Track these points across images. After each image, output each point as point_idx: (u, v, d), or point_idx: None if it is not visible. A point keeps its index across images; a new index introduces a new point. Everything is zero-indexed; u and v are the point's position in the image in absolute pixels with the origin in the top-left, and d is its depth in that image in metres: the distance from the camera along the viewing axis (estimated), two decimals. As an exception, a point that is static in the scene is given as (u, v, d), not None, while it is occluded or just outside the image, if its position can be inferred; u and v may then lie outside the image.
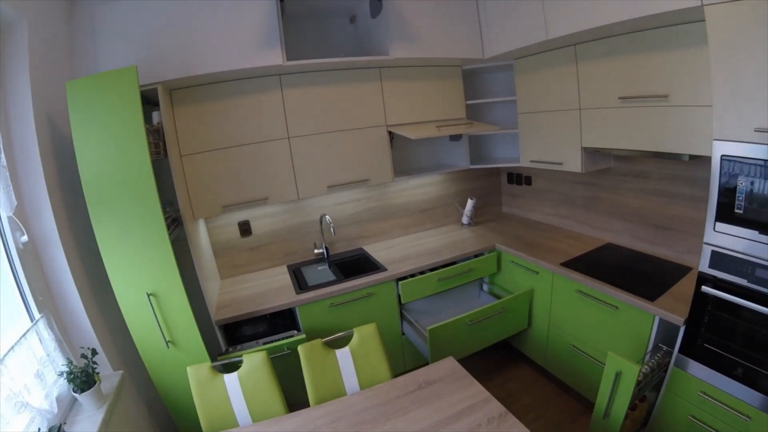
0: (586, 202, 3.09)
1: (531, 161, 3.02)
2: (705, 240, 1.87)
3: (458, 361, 2.00)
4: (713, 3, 1.66)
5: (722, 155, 1.75)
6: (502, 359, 3.22)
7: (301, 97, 2.67)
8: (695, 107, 1.95)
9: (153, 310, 1.97)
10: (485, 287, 3.21)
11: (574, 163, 2.72)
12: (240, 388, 1.91)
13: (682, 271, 2.36)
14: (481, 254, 3.02)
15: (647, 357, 2.10)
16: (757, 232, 1.68)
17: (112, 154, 1.83)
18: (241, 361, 1.94)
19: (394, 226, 3.44)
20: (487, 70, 3.26)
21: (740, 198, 1.74)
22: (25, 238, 1.76)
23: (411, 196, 3.46)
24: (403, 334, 2.89)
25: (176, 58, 2.24)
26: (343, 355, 2.03)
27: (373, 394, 1.84)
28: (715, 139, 1.77)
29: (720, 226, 1.82)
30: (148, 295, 1.96)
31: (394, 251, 3.12)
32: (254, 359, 1.94)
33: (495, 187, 3.87)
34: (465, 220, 3.49)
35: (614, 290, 2.25)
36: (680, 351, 2.01)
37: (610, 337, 2.36)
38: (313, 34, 2.90)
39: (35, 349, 1.65)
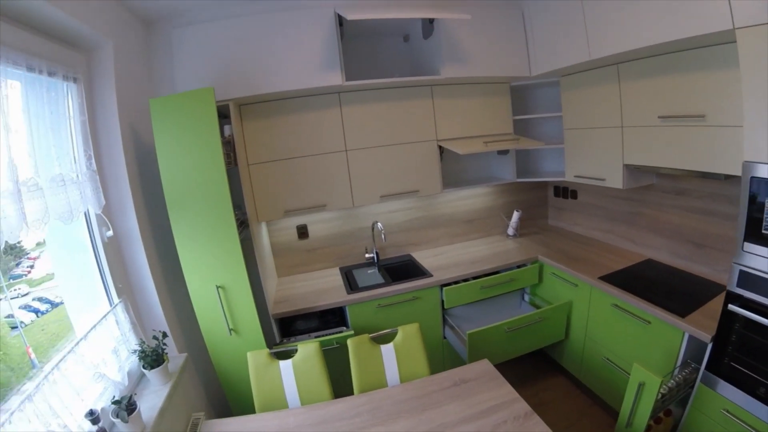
0: (628, 217, 3.21)
1: (575, 176, 3.17)
2: (734, 259, 1.95)
3: (495, 366, 2.18)
4: (744, 26, 1.75)
5: (752, 176, 1.83)
6: (538, 368, 3.38)
7: (358, 113, 2.96)
8: (731, 127, 2.01)
9: (220, 300, 2.29)
10: (527, 297, 3.38)
11: (615, 180, 2.85)
12: (293, 374, 2.20)
13: (717, 289, 2.42)
14: (524, 265, 3.20)
15: (676, 371, 2.20)
16: None
17: (190, 164, 2.16)
18: (295, 350, 2.22)
19: (441, 234, 3.68)
20: (535, 86, 3.45)
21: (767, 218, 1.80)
22: (110, 233, 2.11)
23: (459, 207, 3.70)
24: (445, 337, 3.12)
25: (245, 77, 2.60)
26: (388, 350, 2.28)
27: (412, 387, 2.05)
28: (745, 161, 1.85)
29: (748, 246, 1.89)
30: (217, 288, 2.28)
31: (440, 258, 3.36)
32: (308, 349, 2.22)
33: (542, 200, 4.04)
34: (510, 231, 3.68)
35: (647, 305, 2.36)
36: (707, 368, 2.09)
37: (642, 350, 2.47)
38: (369, 52, 3.18)
39: (112, 329, 1.99)
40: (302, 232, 3.29)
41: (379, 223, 3.26)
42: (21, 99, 1.56)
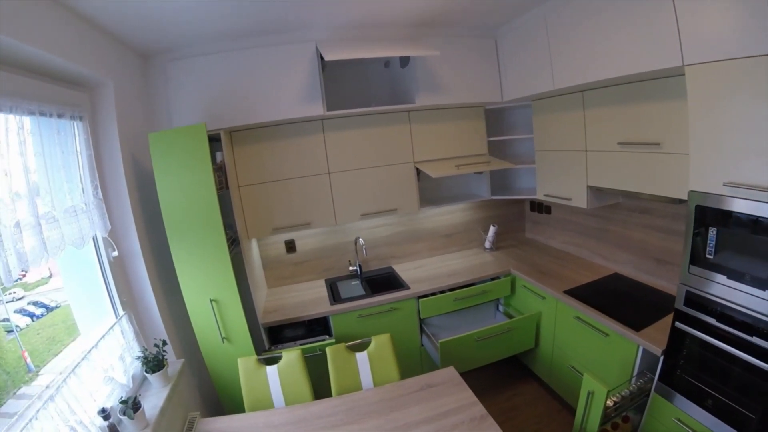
0: (598, 233, 3.50)
1: (545, 195, 3.46)
2: (681, 280, 2.17)
3: (468, 372, 2.56)
4: (693, 63, 1.95)
5: (696, 205, 2.03)
6: (512, 374, 3.68)
7: (340, 138, 3.30)
8: (683, 155, 2.14)
9: (214, 312, 2.65)
10: (501, 308, 3.70)
11: (580, 200, 3.14)
12: (278, 378, 2.52)
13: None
14: (498, 278, 3.52)
15: (632, 381, 2.45)
16: (725, 277, 1.94)
17: (185, 190, 2.51)
18: (280, 357, 2.56)
19: (422, 248, 4.03)
20: (511, 108, 3.79)
21: (711, 244, 2.00)
22: (115, 253, 2.44)
23: (438, 222, 4.05)
24: (422, 345, 3.44)
25: (235, 108, 2.96)
26: (362, 357, 2.60)
27: (383, 391, 2.34)
28: (690, 190, 2.06)
29: (693, 268, 2.09)
30: (211, 301, 2.64)
31: (419, 271, 3.70)
32: (291, 355, 2.55)
33: (519, 214, 4.36)
34: (487, 245, 4.00)
35: (605, 318, 2.62)
36: (660, 379, 2.31)
37: (602, 360, 2.73)
38: (353, 77, 3.53)
39: (118, 338, 2.33)
40: (290, 246, 3.64)
41: (360, 239, 3.61)
42: (35, 142, 1.89)
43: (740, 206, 1.84)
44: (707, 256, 2.03)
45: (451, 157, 3.56)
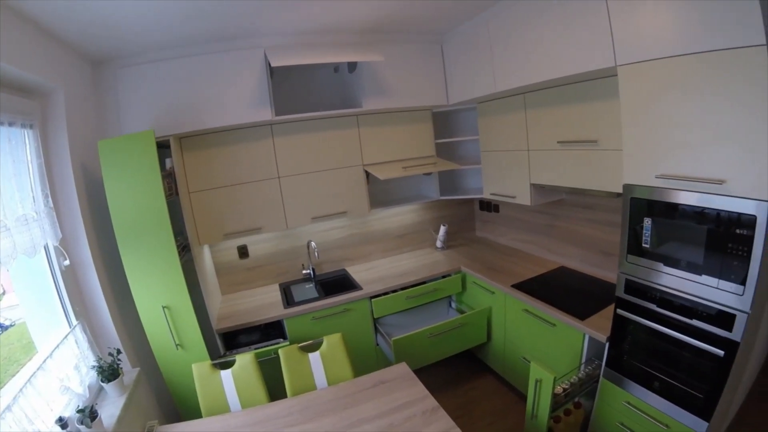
0: (544, 229, 3.73)
1: (491, 194, 3.66)
2: (620, 269, 2.33)
3: (424, 369, 2.72)
4: (624, 64, 2.11)
5: (630, 197, 2.19)
6: (468, 369, 3.86)
7: (290, 142, 3.42)
8: (619, 151, 2.27)
9: (167, 319, 2.71)
10: (453, 305, 3.88)
11: (524, 198, 3.35)
12: (233, 382, 2.60)
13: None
14: (448, 275, 3.71)
15: (582, 368, 2.62)
16: (662, 264, 2.10)
17: (135, 198, 2.57)
18: (234, 361, 2.64)
19: (375, 249, 4.20)
20: (458, 111, 4.01)
21: (647, 234, 2.15)
22: (67, 262, 2.47)
23: (390, 223, 4.23)
24: (377, 344, 3.59)
25: (184, 115, 3.03)
26: (315, 358, 2.71)
27: (337, 390, 2.43)
28: (624, 183, 2.21)
29: (631, 257, 2.26)
30: (163, 308, 2.70)
31: (372, 272, 3.86)
32: (244, 359, 2.64)
33: (469, 213, 4.58)
34: (439, 244, 4.19)
35: (552, 309, 2.80)
36: (607, 365, 2.47)
37: (552, 350, 2.91)
38: (303, 82, 3.67)
39: (73, 348, 2.37)
40: (243, 252, 3.72)
41: (312, 242, 3.74)
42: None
43: (671, 196, 2.00)
44: (644, 245, 2.19)
45: (400, 160, 3.75)
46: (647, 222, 2.15)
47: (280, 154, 3.38)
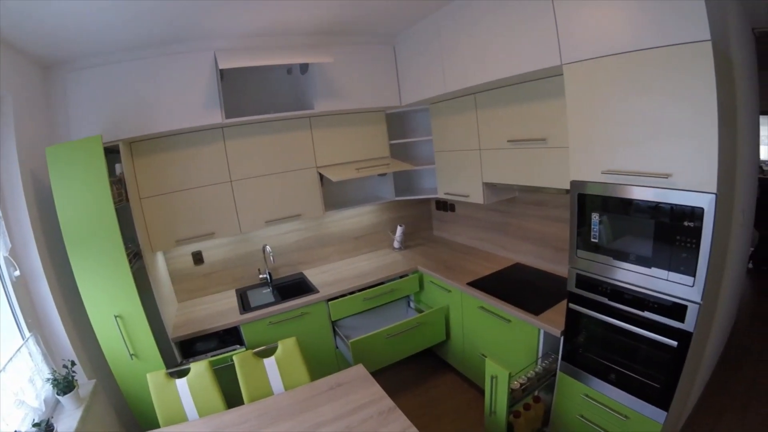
0: (499, 227, 3.82)
1: (445, 193, 3.72)
2: (570, 264, 2.40)
3: (385, 369, 2.84)
4: (570, 62, 2.17)
5: (578, 193, 2.26)
6: (431, 368, 3.91)
7: (242, 145, 3.41)
8: (567, 149, 2.32)
9: (119, 329, 2.66)
10: (412, 304, 3.92)
11: (477, 196, 3.44)
12: (189, 390, 2.58)
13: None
14: (406, 275, 3.76)
15: (539, 362, 2.67)
16: (611, 258, 2.16)
17: (84, 205, 2.51)
18: (189, 369, 2.62)
19: (332, 252, 4.23)
20: (413, 112, 4.08)
21: (595, 229, 2.23)
22: (17, 273, 2.41)
23: (346, 225, 4.27)
24: (337, 347, 3.60)
25: (134, 118, 2.98)
26: (270, 363, 2.71)
27: (293, 394, 2.42)
28: (572, 179, 2.28)
29: (581, 252, 2.32)
30: (116, 317, 2.65)
31: (329, 275, 3.88)
32: (199, 367, 2.62)
33: (426, 213, 4.67)
34: (396, 244, 4.25)
35: (506, 306, 2.85)
36: (563, 358, 2.53)
37: (509, 345, 2.96)
38: (257, 84, 3.65)
39: (27, 360, 2.33)
40: (198, 258, 3.69)
41: (267, 246, 3.73)
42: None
43: (619, 191, 2.06)
44: (593, 240, 2.25)
45: (353, 161, 3.80)
46: (595, 217, 2.21)
47: (232, 158, 3.37)
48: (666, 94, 1.78)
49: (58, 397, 2.30)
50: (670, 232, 1.88)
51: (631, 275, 2.08)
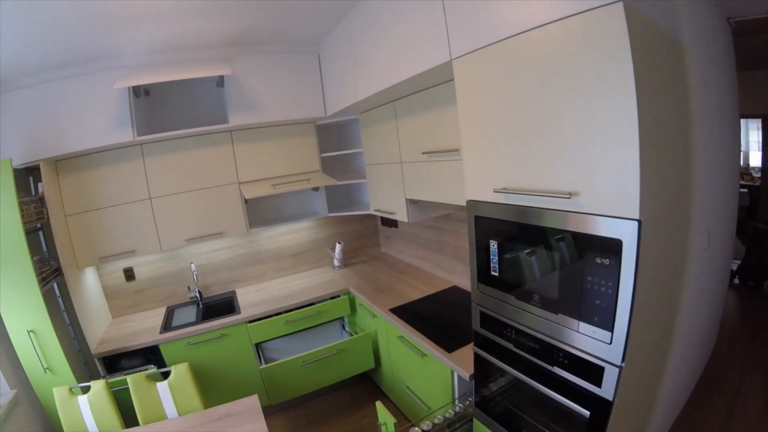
0: (437, 245, 3.50)
1: (375, 210, 3.39)
2: (472, 299, 2.03)
3: (317, 393, 2.93)
4: (459, 56, 1.84)
5: (474, 215, 1.89)
6: (368, 394, 3.62)
7: (161, 162, 3.30)
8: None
9: (33, 343, 2.68)
10: (347, 327, 3.57)
11: (402, 214, 3.12)
12: (89, 407, 2.57)
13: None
14: (337, 296, 3.51)
15: (456, 404, 2.35)
16: (513, 297, 1.76)
17: None
18: (90, 387, 2.60)
19: (267, 269, 4.05)
20: (348, 123, 3.79)
21: (494, 260, 1.83)
22: None
23: (282, 242, 4.06)
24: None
25: (50, 139, 2.96)
26: (163, 387, 2.63)
27: (183, 421, 2.37)
28: (467, 199, 1.92)
29: (482, 287, 1.94)
30: (28, 332, 2.67)
31: (260, 294, 3.71)
32: (97, 386, 2.60)
33: (373, 229, 4.39)
34: (335, 262, 3.94)
35: (421, 339, 2.54)
36: (476, 404, 2.19)
37: (427, 381, 2.66)
38: (182, 99, 3.53)
39: None
40: (129, 274, 3.65)
41: (192, 265, 3.63)
42: None
43: (513, 214, 1.68)
44: (492, 272, 1.86)
45: (277, 176, 3.58)
46: (493, 245, 1.82)
47: (151, 175, 3.28)
48: (569, 86, 1.37)
49: None
50: (579, 270, 1.45)
51: (536, 321, 1.66)
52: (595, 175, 1.34)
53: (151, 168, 3.28)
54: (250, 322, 3.26)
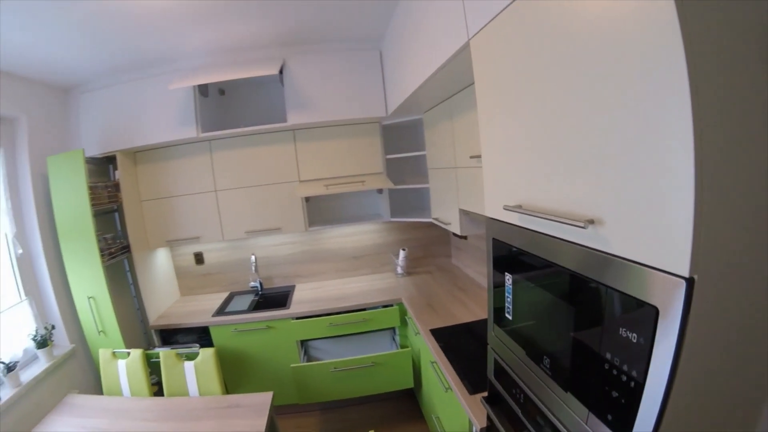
0: None
1: (434, 218, 2.96)
2: (488, 340, 1.58)
3: (354, 402, 2.92)
4: (476, 33, 1.40)
5: (493, 237, 1.42)
6: (406, 412, 3.27)
7: (227, 157, 3.33)
8: None
9: (91, 308, 2.92)
10: (396, 339, 3.24)
11: (455, 225, 2.72)
12: (126, 371, 2.70)
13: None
14: (390, 305, 3.19)
15: None
16: (524, 352, 1.28)
17: (69, 206, 2.82)
18: (129, 353, 2.73)
19: (327, 269, 3.86)
20: (419, 124, 3.35)
21: (508, 299, 1.35)
22: (20, 251, 2.83)
23: (344, 243, 3.83)
24: None
25: (128, 133, 3.16)
26: (189, 366, 2.64)
27: (199, 401, 2.39)
28: (486, 216, 1.47)
29: (497, 330, 1.47)
30: (89, 298, 2.91)
31: (314, 292, 3.54)
32: (135, 354, 2.71)
33: (444, 238, 3.84)
34: (398, 270, 3.53)
35: (448, 369, 2.10)
36: None
37: (449, 418, 2.24)
38: (253, 96, 3.54)
39: (20, 317, 2.75)
40: (198, 258, 3.78)
41: (252, 256, 3.62)
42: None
43: (524, 242, 1.21)
44: (506, 314, 1.39)
45: (338, 176, 3.35)
46: (508, 280, 1.34)
47: (217, 169, 3.34)
48: (604, 70, 0.84)
49: (36, 350, 2.71)
50: (596, 339, 0.92)
51: (545, 392, 1.16)
52: (627, 195, 0.81)
53: (217, 162, 3.33)
54: (296, 318, 3.11)
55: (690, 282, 0.69)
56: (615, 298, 0.85)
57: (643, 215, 0.78)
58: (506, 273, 1.34)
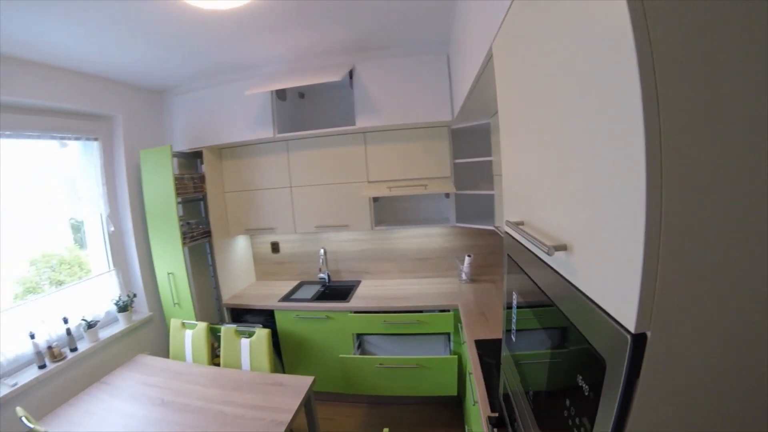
0: None
1: (496, 226, 2.81)
2: (502, 360, 1.46)
3: (405, 398, 2.98)
4: (496, 36, 1.27)
5: (507, 253, 1.27)
6: (447, 418, 3.13)
7: (302, 156, 3.49)
8: None
9: (169, 281, 3.27)
10: (451, 344, 3.10)
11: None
12: (191, 341, 2.97)
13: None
14: (446, 310, 3.09)
15: None
16: (519, 379, 1.18)
17: (158, 193, 3.19)
18: (196, 325, 2.99)
19: (392, 268, 3.84)
20: (484, 128, 3.11)
21: (513, 320, 1.23)
22: (112, 228, 3.28)
23: (411, 244, 3.77)
24: None
25: (212, 131, 3.46)
26: (245, 343, 2.85)
27: (247, 376, 2.58)
28: (503, 230, 1.34)
29: (505, 351, 1.37)
30: (168, 273, 3.26)
31: (377, 289, 3.55)
32: (200, 327, 2.98)
33: None
34: (463, 276, 3.40)
35: (479, 382, 1.99)
36: None
37: None
38: (329, 99, 3.63)
39: (107, 284, 3.18)
40: (275, 247, 4.01)
41: (322, 250, 3.76)
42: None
43: (525, 261, 1.06)
44: (512, 336, 1.27)
45: (405, 179, 3.29)
46: (514, 299, 1.21)
47: (293, 167, 3.51)
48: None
49: (117, 314, 3.16)
50: (562, 381, 0.82)
51: (528, 423, 1.06)
52: (592, 222, 0.68)
53: (293, 161, 3.49)
54: (354, 312, 3.16)
55: (640, 338, 0.54)
56: (575, 341, 0.72)
57: (606, 249, 0.63)
58: (514, 291, 1.21)
